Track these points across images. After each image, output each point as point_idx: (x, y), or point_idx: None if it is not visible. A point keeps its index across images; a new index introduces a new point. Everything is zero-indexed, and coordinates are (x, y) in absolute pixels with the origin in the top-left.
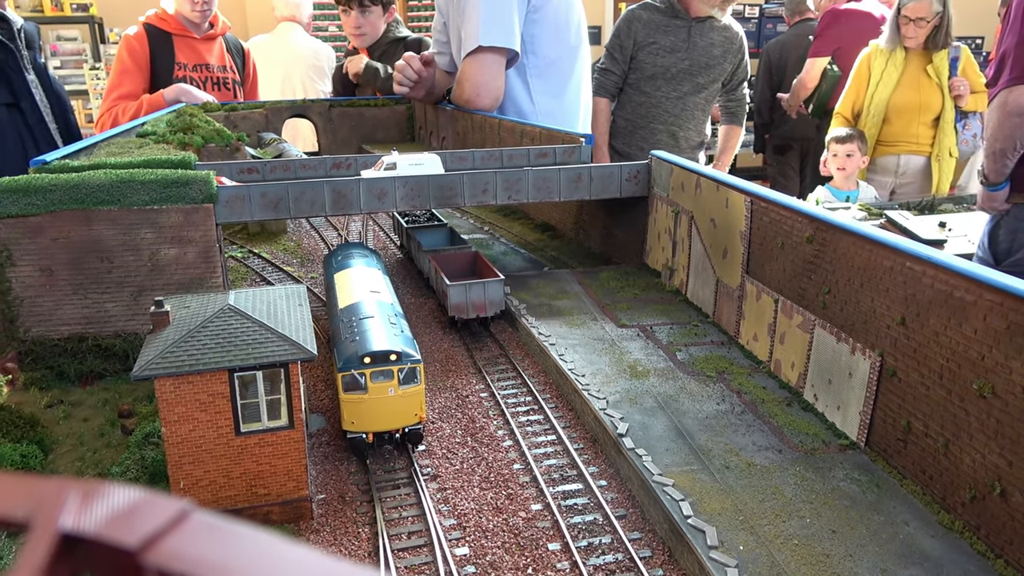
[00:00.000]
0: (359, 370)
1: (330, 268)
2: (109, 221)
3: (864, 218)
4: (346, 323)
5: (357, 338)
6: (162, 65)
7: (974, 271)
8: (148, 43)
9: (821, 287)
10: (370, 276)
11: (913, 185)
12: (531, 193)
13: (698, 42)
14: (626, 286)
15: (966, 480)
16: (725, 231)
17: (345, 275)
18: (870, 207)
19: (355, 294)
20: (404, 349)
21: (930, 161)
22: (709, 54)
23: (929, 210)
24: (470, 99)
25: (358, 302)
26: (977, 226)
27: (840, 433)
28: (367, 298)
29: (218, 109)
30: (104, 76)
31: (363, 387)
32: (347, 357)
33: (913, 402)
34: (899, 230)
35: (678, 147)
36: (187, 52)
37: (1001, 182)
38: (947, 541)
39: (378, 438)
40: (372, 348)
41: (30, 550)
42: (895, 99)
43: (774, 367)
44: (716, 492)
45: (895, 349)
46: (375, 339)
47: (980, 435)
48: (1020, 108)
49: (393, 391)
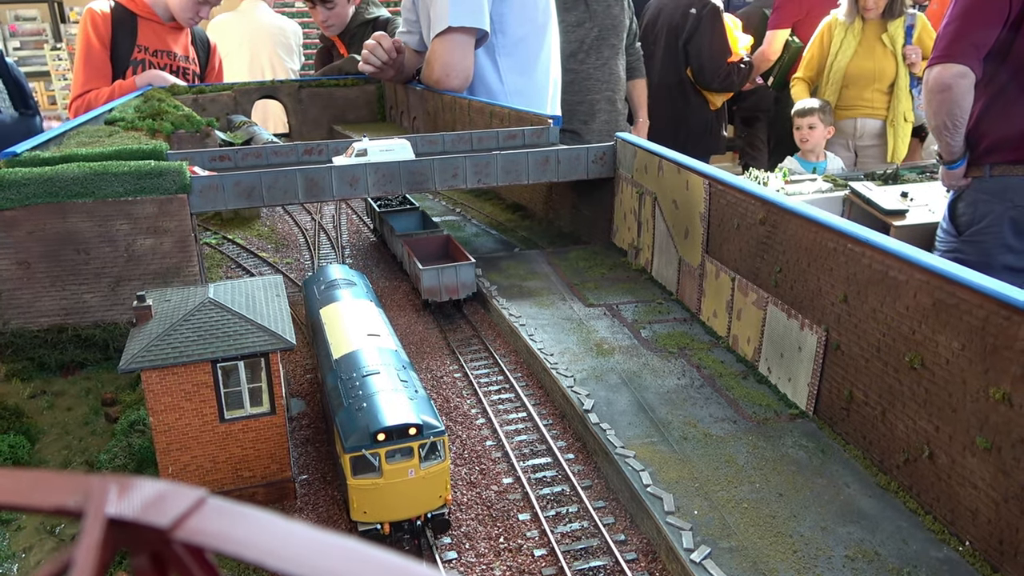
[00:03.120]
0: (371, 449)
1: (312, 299)
2: (84, 213)
3: (829, 189)
4: (346, 381)
5: (364, 405)
6: (122, 45)
7: (906, 252)
8: (111, 20)
9: (773, 266)
10: (363, 312)
11: (871, 148)
12: (500, 176)
13: (597, 9)
14: (594, 265)
15: (900, 444)
16: (686, 212)
17: (334, 312)
18: (835, 178)
19: (351, 339)
20: (424, 419)
21: (885, 125)
22: (610, 15)
23: (893, 180)
24: (440, 79)
25: (356, 351)
26: (939, 196)
27: (791, 403)
28: (366, 346)
29: (186, 92)
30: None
31: (377, 469)
32: (355, 433)
33: (855, 373)
34: (862, 200)
35: (616, 111)
36: (150, 36)
37: (956, 160)
38: (883, 500)
39: (395, 528)
40: (386, 422)
41: (87, 532)
42: (852, 67)
43: (732, 342)
44: (674, 462)
45: (839, 324)
46: (388, 408)
47: (912, 403)
48: (941, 84)
49: (413, 472)
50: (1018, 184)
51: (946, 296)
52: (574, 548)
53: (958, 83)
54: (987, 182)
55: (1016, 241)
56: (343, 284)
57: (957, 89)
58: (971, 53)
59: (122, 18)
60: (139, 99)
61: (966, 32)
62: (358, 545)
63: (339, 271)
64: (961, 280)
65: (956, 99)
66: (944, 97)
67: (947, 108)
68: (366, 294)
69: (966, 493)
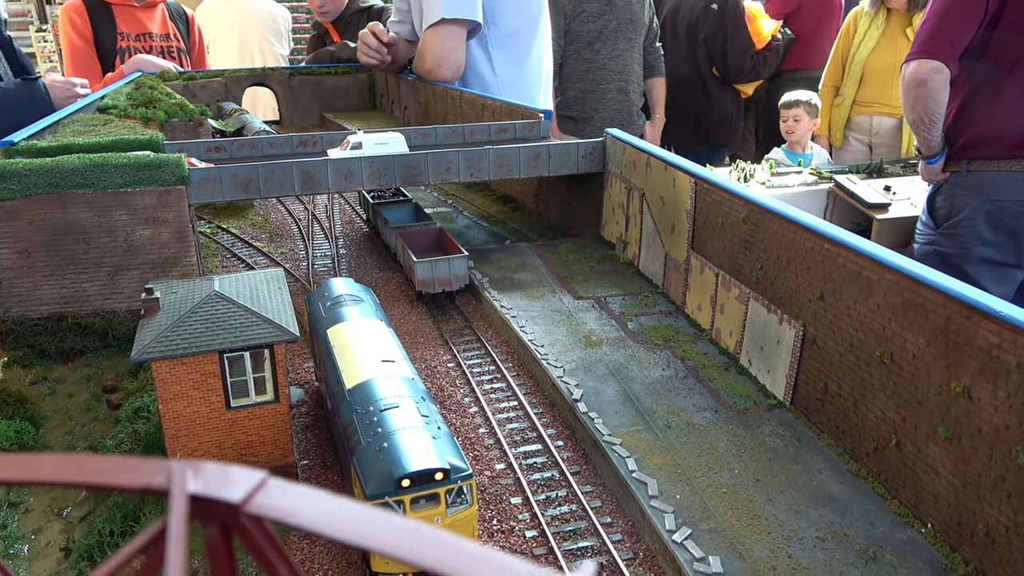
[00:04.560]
0: (395, 496)
1: (318, 317)
2: (84, 204)
3: (815, 181)
4: (363, 416)
5: (385, 445)
6: (105, 37)
7: (878, 253)
8: (87, 14)
9: (755, 263)
10: (375, 334)
11: (886, 146)
12: (492, 171)
13: (619, 3)
14: (583, 258)
15: (870, 433)
16: (673, 208)
17: (342, 333)
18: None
19: (364, 366)
20: (451, 462)
21: (901, 123)
22: (631, 11)
23: (877, 174)
24: (431, 70)
25: (371, 380)
26: (921, 190)
27: (769, 394)
28: (381, 374)
29: (176, 78)
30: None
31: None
32: (377, 479)
33: (829, 367)
34: (846, 194)
35: (629, 102)
36: (128, 21)
37: (935, 154)
38: (853, 486)
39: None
40: (411, 467)
41: (175, 506)
42: (872, 60)
43: (715, 335)
44: (658, 449)
45: (815, 320)
46: (412, 450)
47: (881, 395)
48: (917, 79)
49: (440, 520)
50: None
51: (913, 296)
52: (563, 530)
53: (933, 78)
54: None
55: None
56: (350, 301)
57: (932, 84)
58: (947, 50)
59: (97, 9)
60: (130, 86)
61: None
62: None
63: (344, 286)
64: (927, 281)
65: (931, 94)
66: (920, 92)
67: (923, 103)
68: (375, 312)
69: (929, 479)
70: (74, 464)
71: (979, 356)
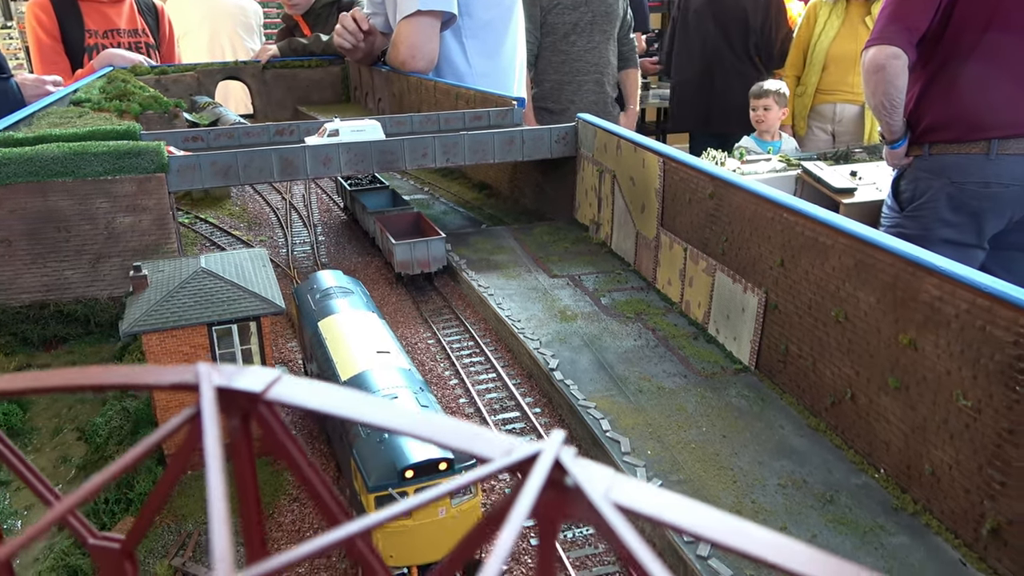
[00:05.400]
0: (399, 488)
1: (307, 309)
2: (64, 192)
3: (783, 168)
4: None
5: (385, 436)
6: (72, 34)
7: (832, 220)
8: (53, 11)
9: (721, 236)
10: (367, 325)
11: (849, 133)
12: (468, 156)
13: None
14: (557, 240)
15: (827, 389)
16: (643, 188)
17: (333, 325)
18: (789, 157)
19: (359, 358)
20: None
21: (863, 110)
22: (606, 4)
23: (844, 160)
24: (405, 61)
25: (366, 372)
26: (885, 175)
27: (735, 359)
28: (377, 365)
29: (148, 72)
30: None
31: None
32: (380, 470)
33: (790, 330)
34: (814, 179)
35: (604, 92)
36: (95, 17)
37: (897, 140)
38: (813, 439)
39: (423, 572)
40: (413, 458)
41: (204, 396)
42: (834, 49)
43: (684, 307)
44: (630, 411)
45: (776, 287)
46: (414, 441)
47: (837, 352)
48: (876, 65)
49: (444, 511)
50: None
51: (865, 257)
52: None
53: (891, 63)
54: (926, 160)
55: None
56: (339, 293)
57: (891, 69)
58: (904, 36)
59: (63, 5)
60: (102, 80)
61: (900, 16)
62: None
63: (333, 278)
64: (877, 243)
65: (890, 79)
66: (879, 77)
67: (883, 88)
68: (366, 304)
69: (881, 427)
70: (104, 372)
71: (923, 309)
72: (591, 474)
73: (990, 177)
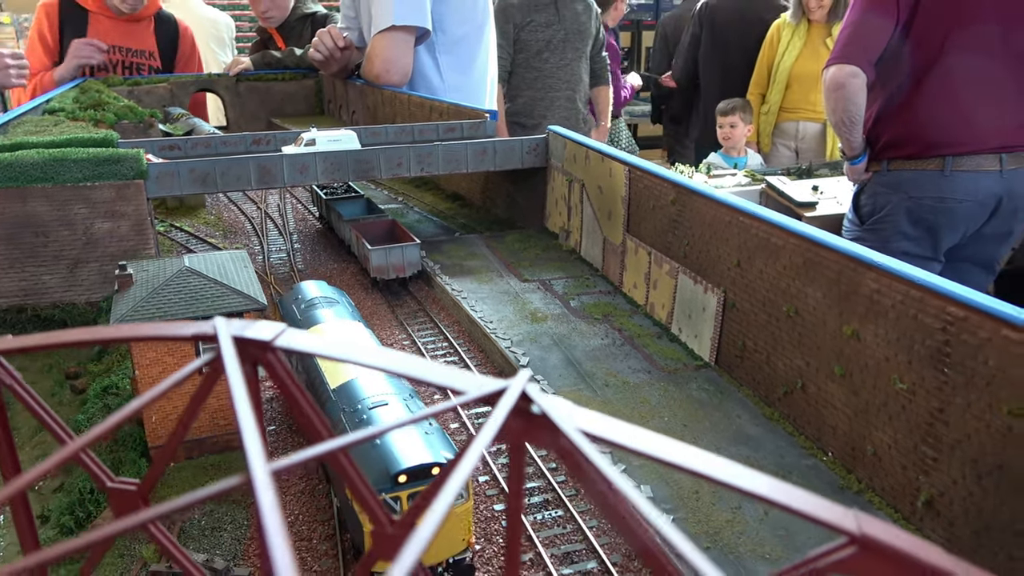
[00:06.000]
0: (392, 493)
1: (293, 321)
2: (44, 198)
3: (748, 183)
4: (351, 415)
5: (377, 442)
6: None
7: (783, 222)
8: (59, 16)
9: (683, 240)
10: (354, 335)
11: (812, 151)
12: (442, 165)
13: (566, 14)
14: (528, 247)
15: (781, 381)
16: (610, 196)
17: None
18: (754, 172)
19: (346, 367)
20: (447, 456)
21: (825, 127)
22: (578, 22)
23: (807, 175)
24: (380, 75)
25: (353, 380)
26: (846, 189)
27: (697, 356)
28: (365, 373)
29: (121, 83)
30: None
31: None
32: (372, 476)
33: (747, 326)
34: (777, 193)
35: (576, 109)
36: (103, 32)
37: (857, 155)
38: (767, 427)
39: None
40: (406, 463)
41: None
42: (796, 68)
43: (649, 309)
44: (597, 403)
45: (734, 286)
46: (406, 446)
47: (789, 345)
48: (836, 83)
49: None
50: (911, 178)
51: (813, 255)
52: None
53: (851, 82)
54: (885, 176)
55: (910, 229)
56: (324, 303)
57: (850, 87)
58: (863, 56)
59: (71, 13)
60: (75, 90)
61: (858, 37)
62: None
63: (317, 288)
64: (823, 242)
65: (850, 96)
66: (839, 95)
67: (843, 105)
68: (351, 314)
69: (828, 413)
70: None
71: (864, 302)
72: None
73: (945, 192)
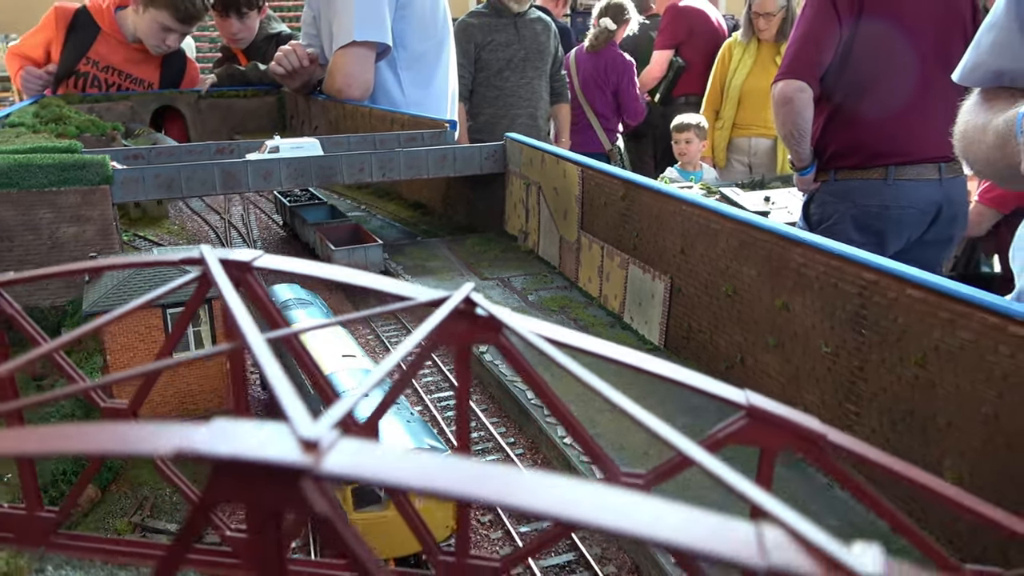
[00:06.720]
0: None
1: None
2: (8, 203)
3: (704, 195)
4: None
5: None
6: (70, 52)
7: (721, 208)
8: (68, 25)
9: (632, 232)
10: (330, 334)
11: (764, 166)
12: (403, 171)
13: (526, 33)
14: (488, 249)
15: (723, 356)
16: (565, 196)
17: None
18: (709, 186)
19: (325, 362)
20: (430, 443)
21: (776, 143)
22: (538, 41)
23: (759, 187)
24: (341, 90)
25: (331, 375)
26: (796, 200)
27: (647, 341)
28: (342, 368)
29: (80, 101)
30: None
31: (382, 501)
32: None
33: (692, 309)
34: (730, 203)
35: (537, 126)
36: (107, 52)
37: (805, 166)
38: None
39: (400, 564)
40: None
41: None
42: (747, 86)
43: (603, 300)
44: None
45: (679, 272)
46: (387, 434)
47: (728, 323)
48: (784, 98)
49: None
50: (858, 186)
51: (747, 237)
52: (474, 449)
53: (798, 96)
54: (832, 185)
55: (857, 235)
56: (297, 304)
57: (798, 102)
58: (809, 71)
59: (82, 26)
60: (35, 106)
61: (804, 53)
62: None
63: (289, 291)
64: (755, 223)
65: (798, 110)
66: (788, 109)
67: (792, 119)
68: (325, 314)
69: (765, 383)
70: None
71: (792, 275)
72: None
73: (888, 200)
